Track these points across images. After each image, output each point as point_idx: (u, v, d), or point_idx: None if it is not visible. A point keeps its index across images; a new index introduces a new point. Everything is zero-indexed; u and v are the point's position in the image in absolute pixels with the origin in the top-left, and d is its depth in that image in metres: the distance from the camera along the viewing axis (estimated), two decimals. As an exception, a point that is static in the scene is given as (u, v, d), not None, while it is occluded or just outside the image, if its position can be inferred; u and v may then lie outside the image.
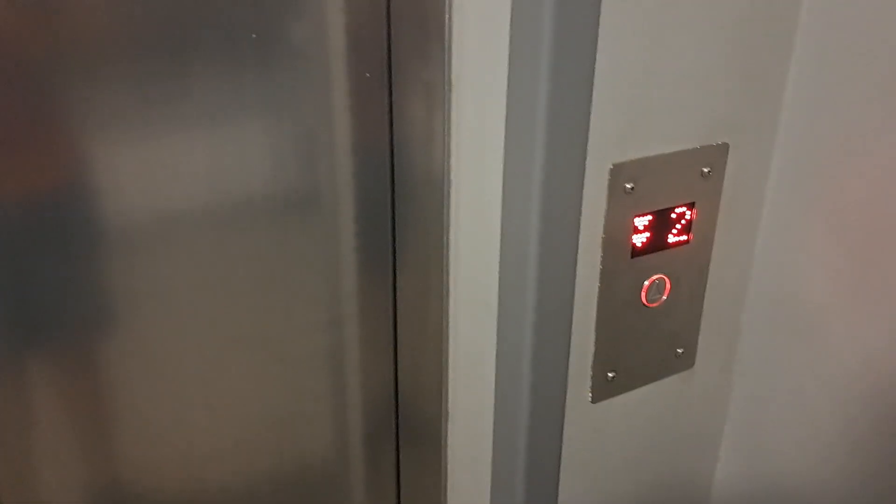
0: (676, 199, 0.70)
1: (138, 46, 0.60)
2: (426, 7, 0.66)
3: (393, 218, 0.77)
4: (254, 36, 0.65)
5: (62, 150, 0.61)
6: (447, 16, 0.65)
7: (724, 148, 0.70)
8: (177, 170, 0.65)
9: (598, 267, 0.69)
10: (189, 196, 0.67)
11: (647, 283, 0.71)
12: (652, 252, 0.70)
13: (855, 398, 0.72)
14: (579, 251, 0.67)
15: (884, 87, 0.64)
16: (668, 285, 0.72)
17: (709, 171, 0.70)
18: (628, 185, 0.66)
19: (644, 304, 0.72)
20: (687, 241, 0.72)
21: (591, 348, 0.72)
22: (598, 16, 0.58)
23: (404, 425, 0.84)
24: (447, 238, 0.72)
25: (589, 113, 0.62)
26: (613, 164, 0.65)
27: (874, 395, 0.70)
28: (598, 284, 0.69)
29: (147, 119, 0.63)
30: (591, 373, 0.73)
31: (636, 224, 0.68)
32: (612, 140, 0.64)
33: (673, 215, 0.70)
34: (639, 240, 0.69)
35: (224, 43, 0.64)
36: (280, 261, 0.73)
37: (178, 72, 0.63)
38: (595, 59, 0.60)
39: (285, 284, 0.74)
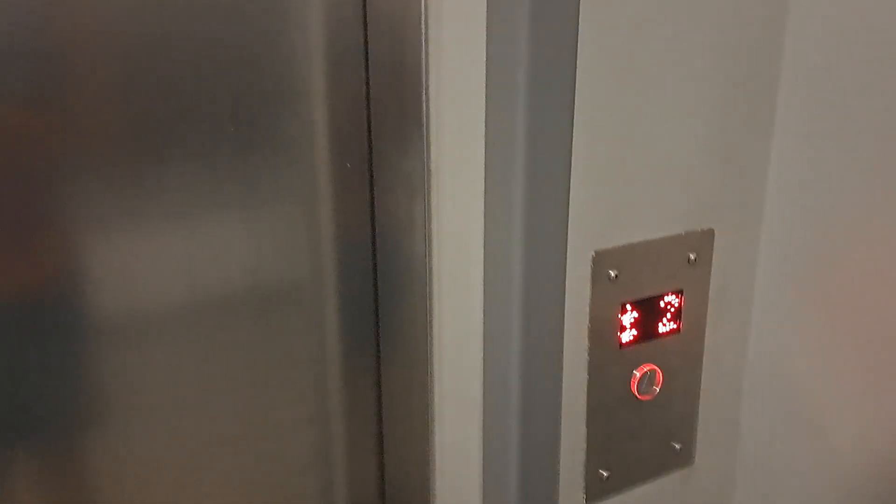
0: (663, 286, 0.68)
1: (117, 141, 0.60)
2: (405, 99, 0.67)
3: (376, 310, 0.76)
4: (232, 129, 0.65)
5: (39, 246, 0.60)
6: (425, 107, 0.65)
7: (710, 233, 0.69)
8: (156, 264, 0.64)
9: (586, 358, 0.66)
10: (169, 291, 0.65)
11: (637, 374, 0.68)
12: (641, 342, 0.68)
13: (855, 481, 0.68)
14: (565, 342, 0.65)
15: (865, 168, 0.63)
16: (659, 376, 0.69)
17: (695, 258, 0.68)
18: (612, 273, 0.65)
19: (636, 397, 0.69)
20: (677, 330, 0.69)
21: (583, 445, 0.68)
22: (573, 104, 0.58)
23: (391, 528, 0.79)
24: (431, 330, 0.70)
25: (568, 200, 0.61)
26: (596, 252, 0.64)
27: (873, 478, 0.66)
28: (586, 377, 0.67)
29: (126, 214, 0.62)
30: (583, 471, 0.69)
31: (623, 313, 0.66)
32: (593, 227, 0.63)
33: (661, 303, 0.68)
34: (626, 329, 0.67)
35: (203, 136, 0.64)
36: (262, 355, 0.71)
37: (158, 165, 0.62)
38: (571, 147, 0.59)
39: (268, 379, 0.72)
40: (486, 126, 0.61)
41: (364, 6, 0.66)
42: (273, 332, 0.71)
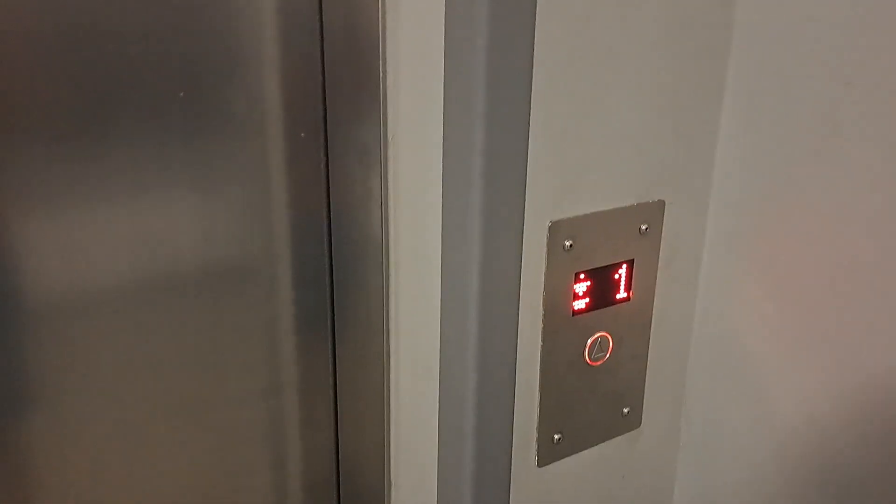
0: (616, 256, 0.69)
1: (59, 116, 0.58)
2: (361, 66, 0.66)
3: (331, 282, 0.75)
4: (181, 94, 0.63)
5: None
6: (382, 74, 0.64)
7: (661, 205, 0.71)
8: (105, 240, 0.63)
9: (540, 326, 0.68)
10: (118, 268, 0.64)
11: (589, 341, 0.70)
12: (593, 310, 0.70)
13: (794, 445, 0.72)
14: (520, 310, 0.66)
15: (810, 140, 0.65)
16: (611, 344, 0.72)
17: (646, 228, 0.70)
18: (567, 243, 0.66)
19: (588, 364, 0.71)
20: (628, 299, 0.71)
21: (536, 410, 0.70)
22: (531, 77, 0.59)
23: (347, 496, 0.80)
24: (387, 302, 0.70)
25: (525, 171, 0.62)
26: (552, 222, 0.65)
27: (812, 443, 0.70)
28: (540, 344, 0.68)
29: (70, 187, 0.60)
30: (536, 436, 0.71)
31: (577, 282, 0.68)
32: (549, 198, 0.64)
33: (613, 273, 0.70)
34: (579, 298, 0.68)
35: (150, 103, 0.62)
36: (215, 329, 0.70)
37: (103, 139, 0.60)
38: (529, 118, 0.60)
39: (221, 354, 0.71)
40: (444, 96, 0.61)
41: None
42: (226, 308, 0.70)
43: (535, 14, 0.57)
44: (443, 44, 0.60)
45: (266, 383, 0.74)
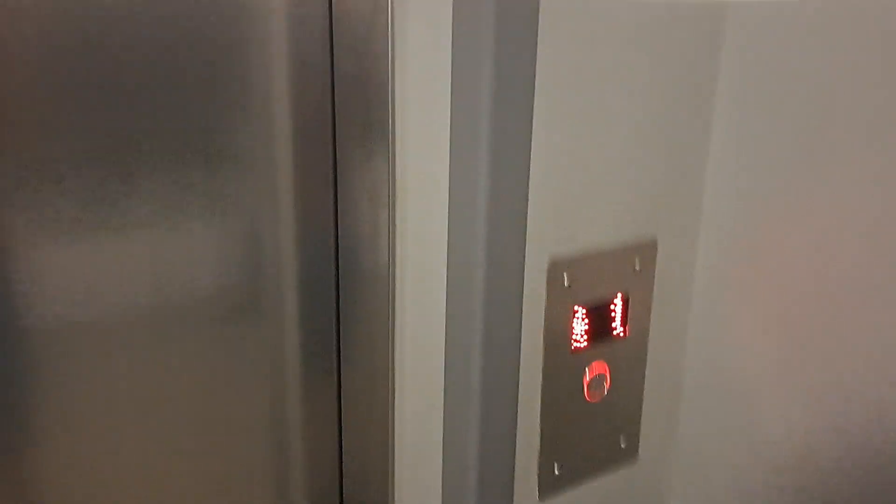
0: (612, 292, 0.72)
1: (80, 150, 0.61)
2: (370, 109, 0.69)
3: (338, 317, 0.77)
4: (197, 138, 0.65)
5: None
6: (390, 117, 0.67)
7: (653, 243, 0.74)
8: (118, 273, 0.64)
9: (541, 362, 0.70)
10: (132, 298, 0.65)
11: (588, 376, 0.72)
12: (591, 346, 0.72)
13: (786, 473, 0.74)
14: (522, 346, 0.68)
15: (794, 181, 0.69)
16: (608, 378, 0.74)
17: (640, 265, 0.73)
18: (566, 280, 0.68)
19: (586, 398, 0.73)
20: (624, 334, 0.74)
21: (537, 444, 0.72)
22: (532, 125, 0.62)
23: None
24: (393, 335, 0.72)
25: (527, 212, 0.64)
26: (551, 260, 0.67)
27: (804, 470, 0.72)
28: (541, 380, 0.70)
29: (88, 222, 0.62)
30: (537, 469, 0.72)
31: (575, 318, 0.70)
32: (549, 237, 0.67)
33: (609, 309, 0.72)
34: (578, 334, 0.71)
35: (167, 145, 0.64)
36: (223, 361, 0.72)
37: (121, 174, 0.63)
38: (530, 162, 0.63)
39: (228, 385, 0.72)
40: (450, 140, 0.64)
41: (330, 18, 0.68)
42: (234, 339, 0.72)
43: (535, 64, 0.61)
44: (450, 89, 0.63)
45: (272, 414, 0.75)
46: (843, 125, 0.65)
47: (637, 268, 0.73)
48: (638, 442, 0.79)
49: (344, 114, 0.70)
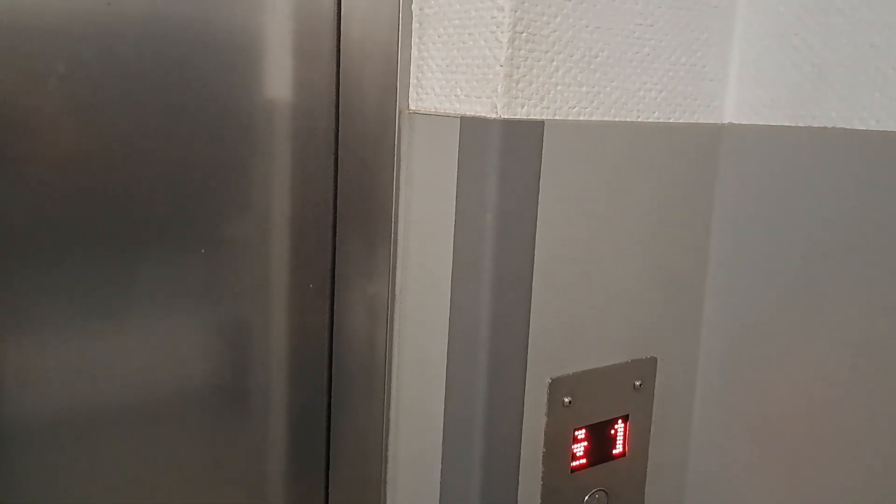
0: (611, 411, 0.72)
1: (83, 243, 0.61)
2: (372, 224, 0.70)
3: (328, 429, 0.76)
4: (202, 251, 0.66)
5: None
6: (392, 234, 0.69)
7: (653, 362, 0.74)
8: (108, 363, 0.64)
9: (540, 482, 0.68)
10: (120, 392, 0.65)
11: (587, 497, 0.71)
12: (591, 466, 0.71)
13: None
14: (521, 467, 0.67)
15: (792, 299, 0.70)
16: (607, 500, 0.72)
17: (640, 384, 0.73)
18: (566, 399, 0.68)
19: (585, 519, 0.71)
20: (624, 454, 0.73)
21: (535, 569, 0.69)
22: (534, 247, 0.63)
23: None
24: (386, 455, 0.71)
25: (528, 332, 0.65)
26: (552, 379, 0.67)
27: None
28: (539, 500, 0.69)
29: (84, 313, 0.62)
30: None
31: (575, 438, 0.69)
32: (549, 356, 0.67)
33: (609, 428, 0.72)
34: (578, 454, 0.70)
35: (169, 254, 0.65)
36: (208, 461, 0.70)
37: (122, 272, 0.63)
38: (532, 284, 0.63)
39: (211, 484, 0.71)
40: (452, 259, 0.65)
41: (337, 132, 0.70)
42: (222, 440, 0.71)
43: (538, 193, 0.62)
44: (453, 207, 0.64)
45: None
46: (843, 251, 0.66)
47: (637, 385, 0.73)
48: (638, 568, 0.77)
49: (345, 226, 0.71)
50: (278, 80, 0.67)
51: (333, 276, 0.74)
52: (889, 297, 0.63)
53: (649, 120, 0.69)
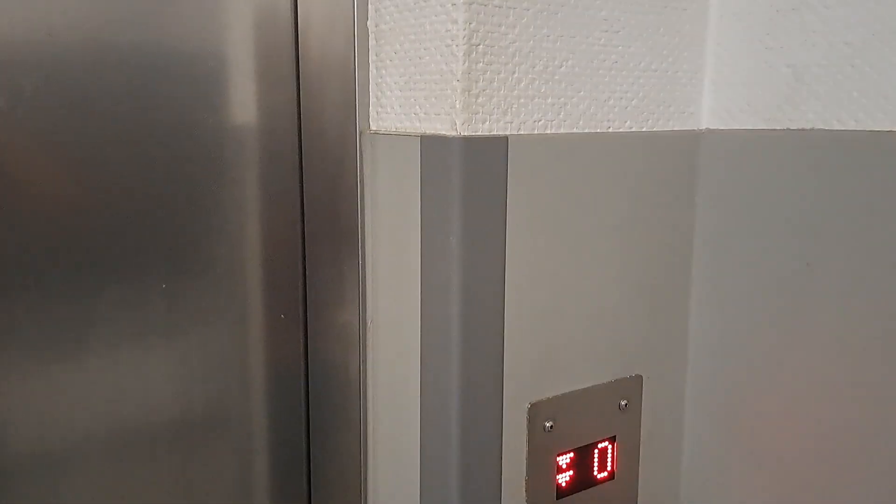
0: (597, 434, 0.69)
1: (47, 272, 0.59)
2: (341, 252, 0.68)
3: (308, 461, 0.74)
4: (164, 286, 0.64)
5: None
6: (360, 260, 0.66)
7: (639, 380, 0.71)
8: (84, 394, 0.62)
9: (524, 511, 0.66)
10: (96, 421, 0.63)
11: (575, 524, 0.68)
12: (577, 491, 0.68)
13: None
14: (503, 495, 0.64)
15: (778, 308, 0.67)
16: (597, 526, 0.69)
17: (626, 404, 0.70)
18: (548, 424, 0.65)
19: (574, 548, 0.68)
20: (611, 477, 0.70)
21: None
22: (504, 263, 0.60)
23: None
24: (365, 485, 0.68)
25: (502, 355, 0.62)
26: (531, 404, 0.64)
27: None
28: (524, 530, 0.66)
29: (48, 341, 0.60)
30: None
31: (559, 463, 0.67)
32: (527, 379, 0.64)
33: (595, 451, 0.69)
34: (563, 479, 0.67)
35: (135, 288, 0.63)
36: (184, 493, 0.68)
37: (79, 313, 0.61)
38: (504, 303, 0.61)
39: None
40: (421, 281, 0.62)
41: (300, 156, 0.67)
42: (199, 466, 0.69)
43: (506, 205, 0.60)
44: (419, 230, 0.62)
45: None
46: (829, 255, 0.63)
47: (623, 405, 0.70)
48: None
49: (314, 255, 0.69)
50: (239, 104, 0.65)
51: (305, 305, 0.71)
52: (877, 300, 0.60)
53: (622, 130, 0.66)
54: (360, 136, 0.63)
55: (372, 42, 0.62)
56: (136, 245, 0.63)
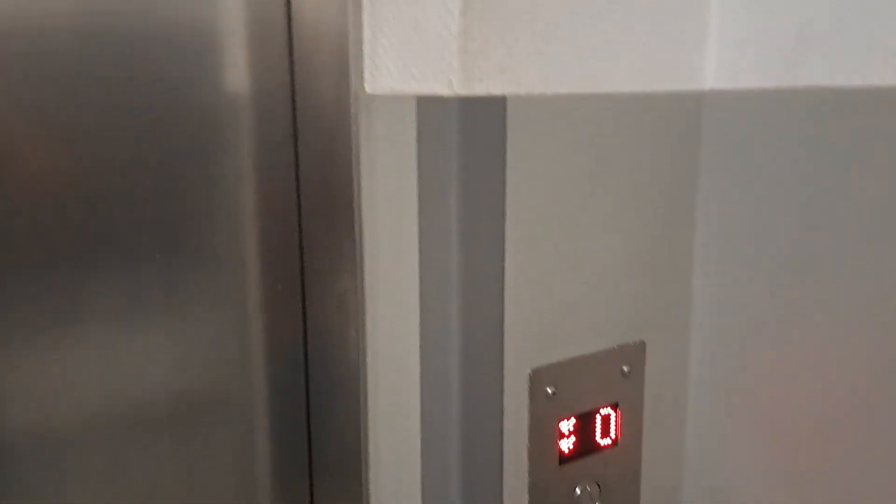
0: (600, 400, 0.68)
1: (43, 251, 0.58)
2: (337, 218, 0.67)
3: (308, 428, 0.73)
4: (159, 255, 0.63)
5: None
6: (357, 227, 0.65)
7: (642, 346, 0.70)
8: (83, 374, 0.61)
9: (527, 477, 0.65)
10: (93, 403, 0.62)
11: (578, 490, 0.68)
12: (579, 458, 0.67)
13: None
14: (505, 463, 0.63)
15: (780, 280, 0.66)
16: (599, 492, 0.69)
17: (629, 370, 0.69)
18: (550, 390, 0.64)
19: (577, 514, 0.68)
20: (614, 443, 0.69)
21: (526, 567, 0.66)
22: (504, 226, 0.59)
23: None
24: (367, 455, 0.68)
25: (503, 320, 0.61)
26: (532, 370, 0.64)
27: None
28: (527, 497, 0.65)
29: (47, 321, 0.59)
30: None
31: (561, 429, 0.66)
32: (528, 345, 0.63)
33: (597, 417, 0.68)
34: (565, 445, 0.66)
35: (133, 259, 0.62)
36: (187, 471, 0.68)
37: (77, 286, 0.60)
38: (504, 269, 0.60)
39: (191, 496, 0.68)
40: (419, 247, 0.61)
41: (294, 121, 0.66)
42: (198, 451, 0.68)
43: (506, 170, 0.59)
44: (417, 197, 0.61)
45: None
46: (835, 217, 0.62)
47: (626, 371, 0.69)
48: (636, 561, 0.73)
49: (310, 222, 0.68)
50: (231, 70, 0.64)
51: (303, 275, 0.70)
52: (885, 259, 0.59)
53: (624, 90, 0.65)
54: (355, 98, 0.61)
55: (366, 3, 0.60)
56: (130, 217, 0.62)
